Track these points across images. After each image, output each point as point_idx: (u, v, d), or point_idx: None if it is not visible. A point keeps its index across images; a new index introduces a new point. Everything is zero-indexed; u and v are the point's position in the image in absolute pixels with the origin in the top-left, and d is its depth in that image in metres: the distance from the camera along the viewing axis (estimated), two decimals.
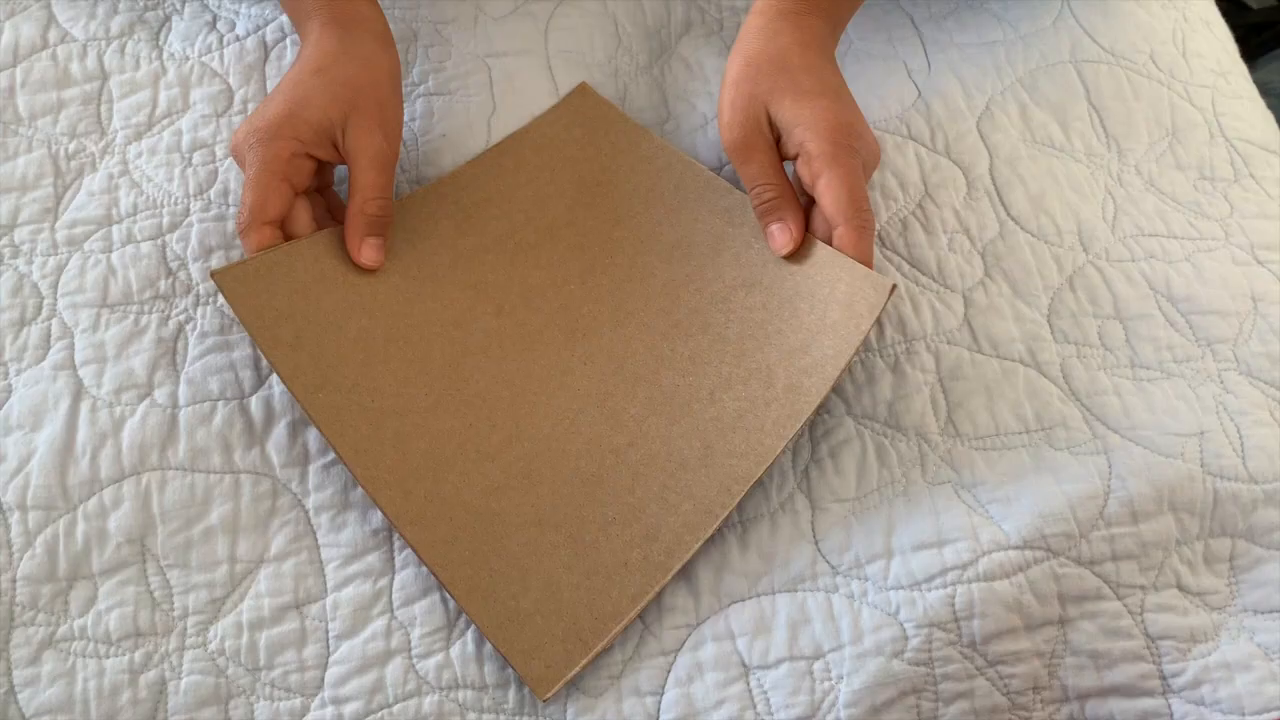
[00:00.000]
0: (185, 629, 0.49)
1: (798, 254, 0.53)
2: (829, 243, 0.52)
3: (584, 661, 0.48)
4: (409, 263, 0.55)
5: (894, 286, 0.50)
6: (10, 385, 0.53)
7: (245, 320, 0.50)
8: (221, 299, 0.55)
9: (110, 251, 0.56)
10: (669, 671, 0.48)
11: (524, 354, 0.54)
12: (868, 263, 0.51)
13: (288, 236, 0.53)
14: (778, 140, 0.53)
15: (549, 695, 0.47)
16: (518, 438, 0.52)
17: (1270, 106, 0.67)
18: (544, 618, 0.48)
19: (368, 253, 0.54)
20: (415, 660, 0.48)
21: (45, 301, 0.55)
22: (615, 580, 0.49)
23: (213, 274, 0.50)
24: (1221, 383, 0.53)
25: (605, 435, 0.52)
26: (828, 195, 0.51)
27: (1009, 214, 0.58)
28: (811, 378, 0.51)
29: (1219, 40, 0.67)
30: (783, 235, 0.53)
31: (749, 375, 0.52)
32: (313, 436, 0.52)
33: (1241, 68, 0.66)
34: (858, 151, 0.51)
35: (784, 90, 0.52)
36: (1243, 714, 0.47)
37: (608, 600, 0.49)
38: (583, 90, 0.61)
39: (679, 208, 0.57)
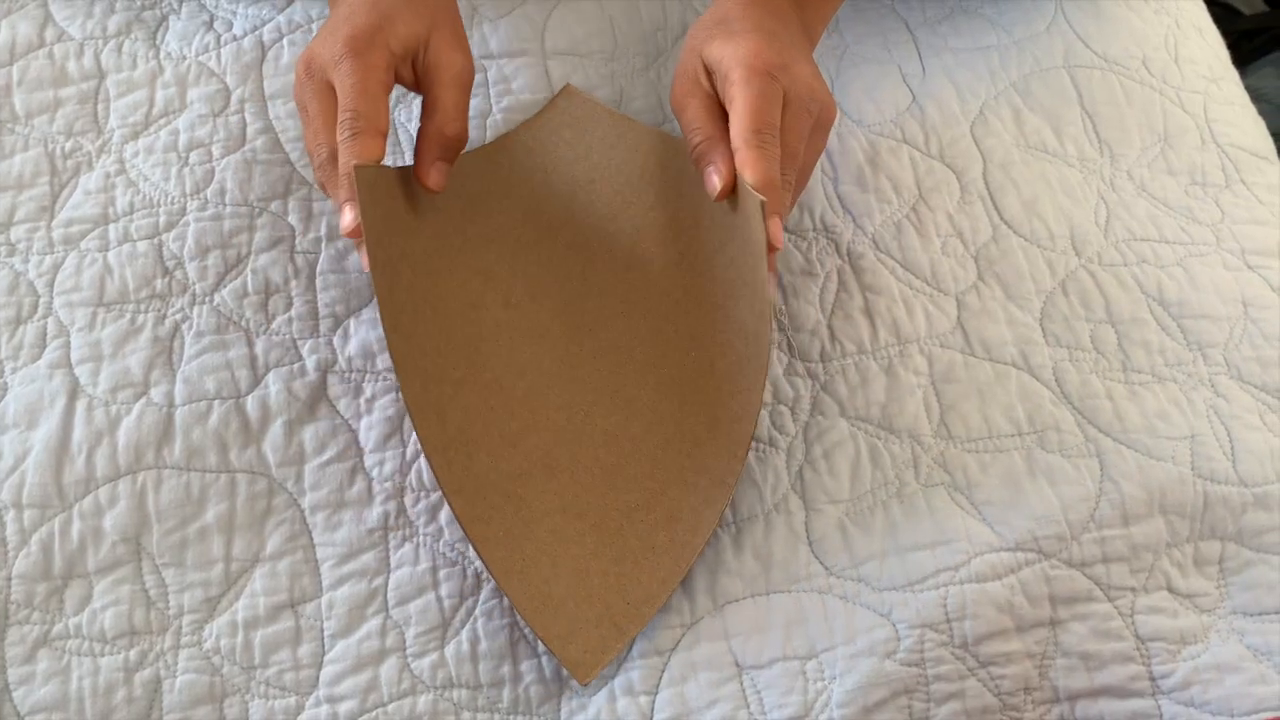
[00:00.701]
0: (180, 628, 0.49)
1: (740, 197, 0.51)
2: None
3: (620, 647, 0.48)
4: (429, 235, 0.54)
5: (763, 202, 0.47)
6: (6, 384, 0.53)
7: (370, 225, 0.48)
8: (219, 296, 0.55)
9: (106, 250, 0.56)
10: (663, 671, 0.48)
11: (534, 347, 0.54)
12: (771, 187, 0.48)
13: None
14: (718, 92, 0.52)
15: (589, 680, 0.48)
16: (534, 428, 0.52)
17: (1262, 112, 0.67)
18: (576, 604, 0.49)
19: (435, 176, 0.51)
20: (410, 659, 0.49)
21: (41, 300, 0.55)
22: (645, 565, 0.49)
23: (356, 168, 0.47)
24: (1213, 387, 0.53)
25: (621, 425, 0.52)
26: (732, 119, 0.49)
27: (1002, 218, 0.58)
28: (761, 319, 0.50)
29: (1211, 46, 0.67)
30: (711, 179, 0.50)
31: (732, 336, 0.52)
32: (308, 436, 0.52)
33: (1233, 74, 0.66)
34: (777, 79, 0.49)
35: (716, 36, 0.51)
36: (1232, 715, 0.47)
37: (638, 585, 0.49)
38: (568, 92, 0.62)
39: (667, 186, 0.57)
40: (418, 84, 0.52)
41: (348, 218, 0.48)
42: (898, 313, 0.56)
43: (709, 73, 0.51)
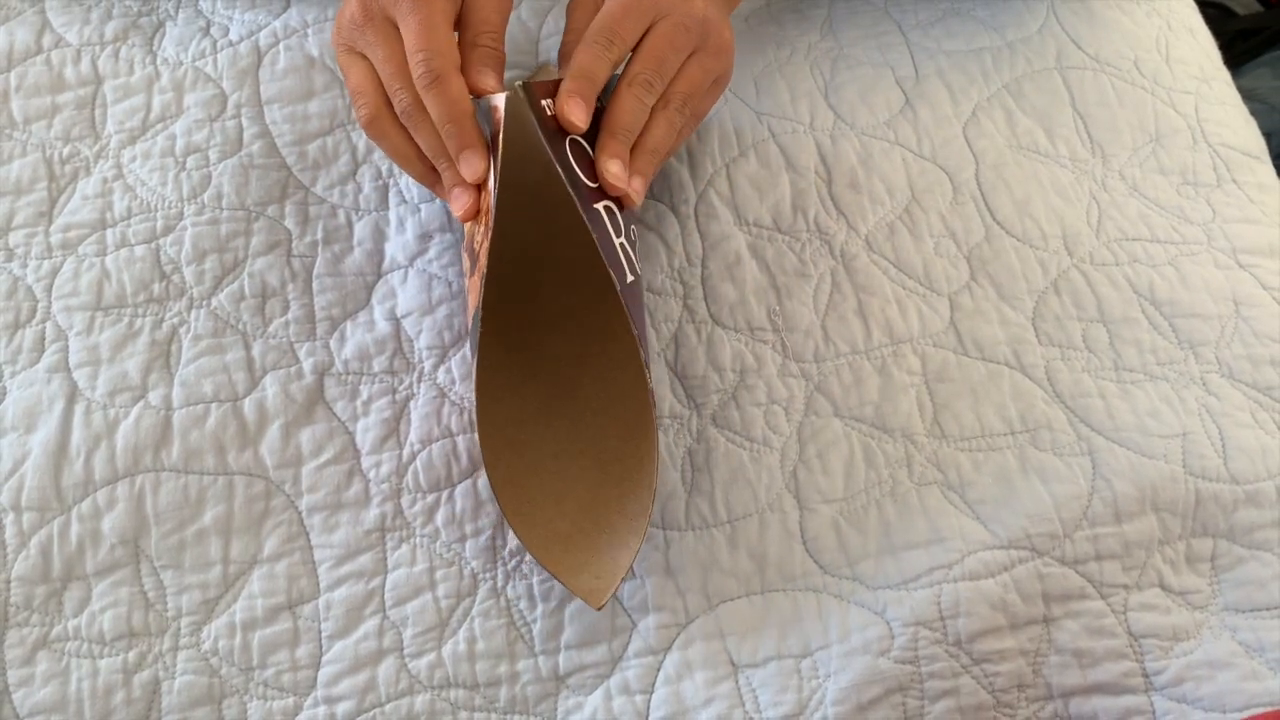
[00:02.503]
0: (179, 629, 0.49)
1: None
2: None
3: (627, 563, 0.48)
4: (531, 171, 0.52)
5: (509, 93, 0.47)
6: (5, 388, 0.53)
7: (516, 141, 0.47)
8: (216, 300, 0.55)
9: (104, 255, 0.57)
10: (658, 670, 0.49)
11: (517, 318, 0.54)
12: (583, 75, 0.48)
13: None
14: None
15: (603, 604, 0.47)
16: (533, 375, 0.52)
17: (1255, 112, 0.67)
18: (585, 535, 0.49)
19: (486, 80, 0.49)
20: (408, 659, 0.49)
21: (40, 305, 0.55)
22: (638, 477, 0.49)
23: (515, 89, 0.47)
24: (1204, 385, 0.54)
25: (616, 362, 0.52)
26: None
27: (994, 219, 0.59)
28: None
29: (1202, 47, 0.67)
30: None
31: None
32: (305, 438, 0.53)
33: (1224, 74, 0.67)
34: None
35: None
36: (1224, 711, 0.47)
37: (635, 499, 0.49)
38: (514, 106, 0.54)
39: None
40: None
41: (474, 161, 0.48)
42: (891, 313, 0.56)
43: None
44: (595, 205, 0.48)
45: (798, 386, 0.54)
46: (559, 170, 0.47)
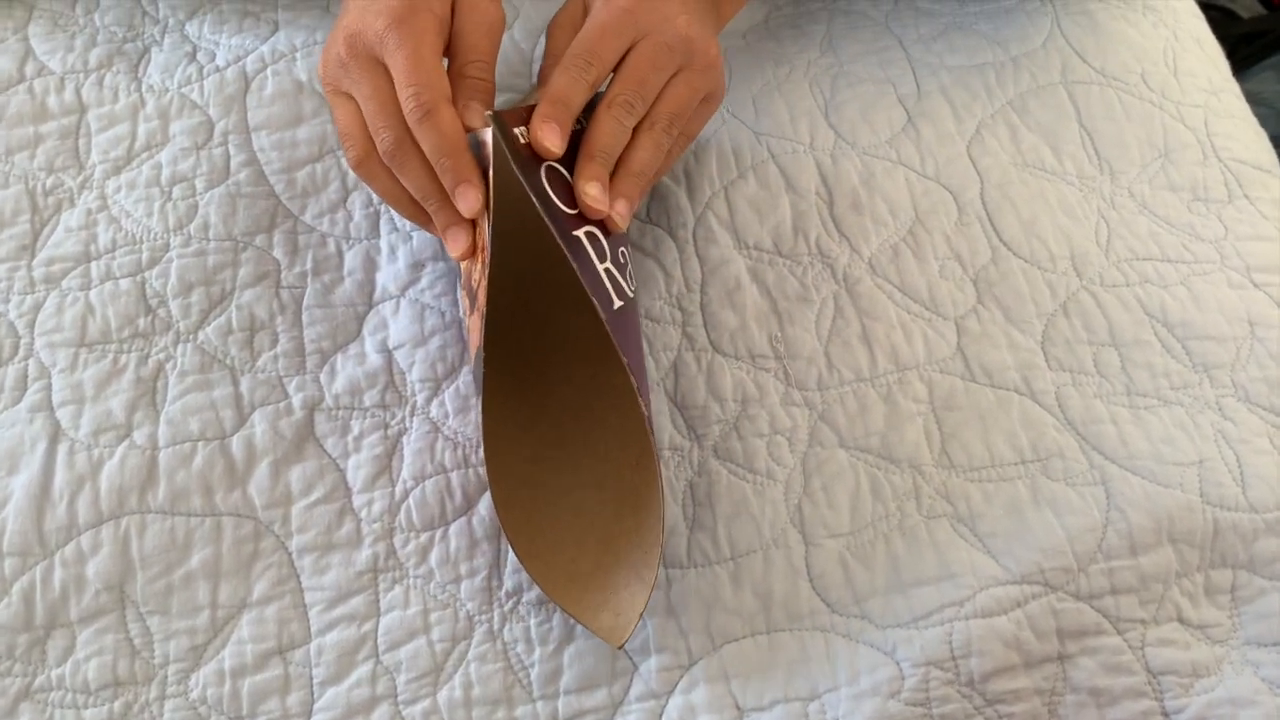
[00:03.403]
0: (166, 677, 0.48)
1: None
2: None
3: (648, 597, 0.46)
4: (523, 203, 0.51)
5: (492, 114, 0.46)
6: None
7: (499, 171, 0.46)
8: (203, 334, 0.54)
9: (88, 289, 0.55)
10: (661, 715, 0.47)
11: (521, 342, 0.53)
12: (558, 102, 0.46)
13: None
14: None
15: (624, 642, 0.46)
16: (545, 411, 0.51)
17: (1261, 116, 0.66)
18: (603, 571, 0.47)
19: (473, 117, 0.47)
20: (402, 706, 0.47)
21: (22, 341, 0.54)
22: (652, 506, 0.47)
23: (494, 116, 0.46)
24: (1220, 410, 0.52)
25: (623, 380, 0.50)
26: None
27: (1001, 239, 0.57)
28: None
29: (1210, 58, 0.66)
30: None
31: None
32: (295, 476, 0.51)
33: (1233, 86, 0.65)
34: (633, 14, 0.47)
35: None
36: None
37: (650, 530, 0.47)
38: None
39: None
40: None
41: (470, 196, 0.46)
42: (896, 338, 0.54)
43: (586, 8, 0.50)
44: (575, 232, 0.46)
45: (801, 416, 0.53)
46: (534, 200, 0.45)
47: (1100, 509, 0.49)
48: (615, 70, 0.49)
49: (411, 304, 0.56)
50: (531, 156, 0.47)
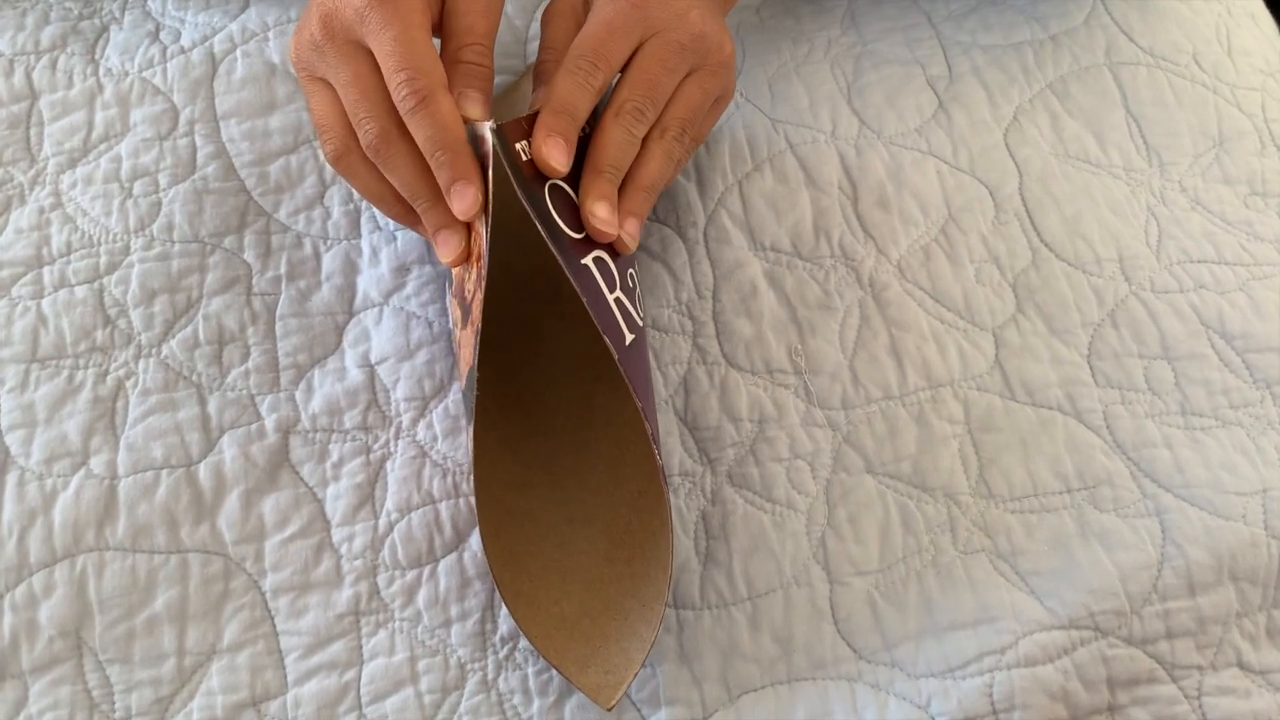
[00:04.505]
0: None
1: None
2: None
3: (641, 658, 0.42)
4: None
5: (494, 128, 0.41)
6: None
7: (499, 181, 0.42)
8: (167, 348, 0.49)
9: (41, 298, 0.50)
10: None
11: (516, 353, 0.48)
12: (562, 111, 0.42)
13: None
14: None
15: (613, 705, 0.42)
16: (533, 431, 0.47)
17: None
18: (592, 620, 0.43)
19: (471, 106, 0.43)
20: None
21: None
22: (652, 554, 0.43)
23: (495, 130, 0.41)
24: None
25: (618, 404, 0.46)
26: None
27: (1042, 240, 0.52)
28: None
29: (1266, 36, 0.61)
30: (539, 98, 0.45)
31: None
32: (269, 508, 0.47)
33: None
34: (640, 8, 0.43)
35: None
36: None
37: (649, 581, 0.43)
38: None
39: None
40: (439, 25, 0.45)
41: (468, 195, 0.41)
42: (928, 351, 0.50)
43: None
44: (583, 260, 0.42)
45: (824, 438, 0.48)
46: (538, 226, 0.40)
47: (1155, 544, 0.45)
48: (622, 71, 0.44)
49: (396, 313, 0.51)
50: (535, 175, 0.42)
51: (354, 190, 0.52)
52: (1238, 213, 0.54)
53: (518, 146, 0.42)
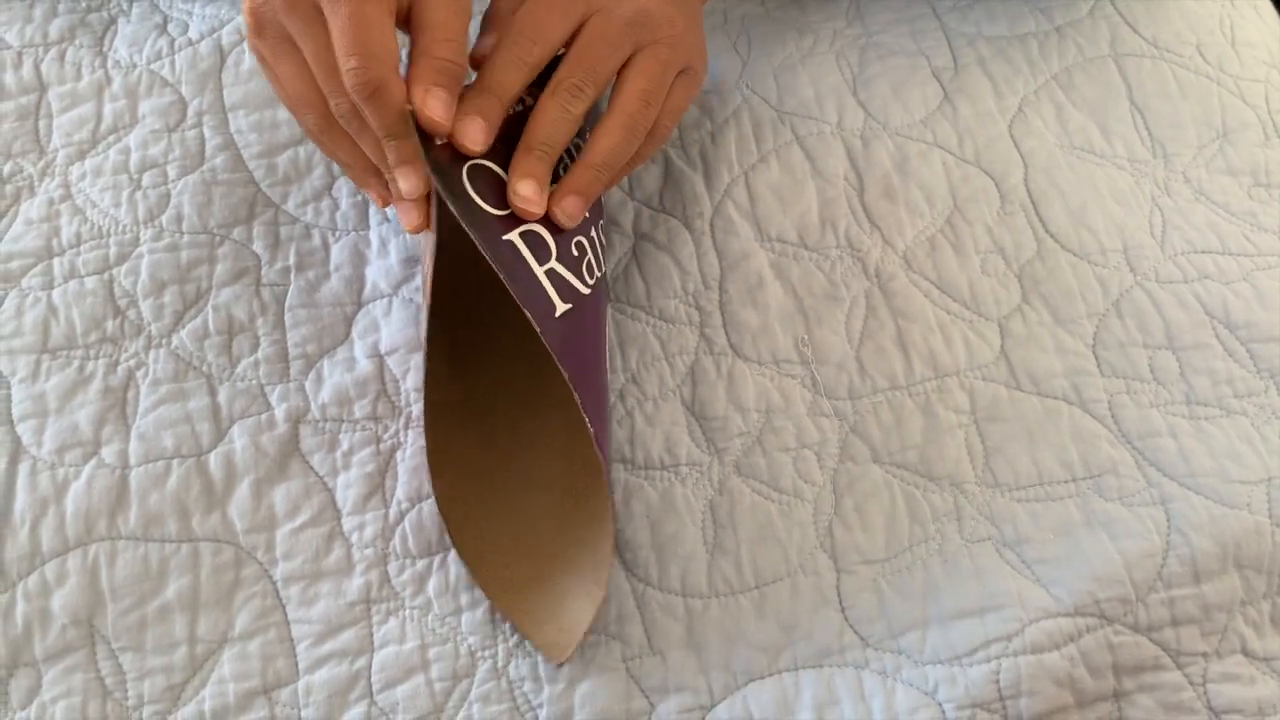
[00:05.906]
0: None
1: None
2: None
3: (590, 618, 0.43)
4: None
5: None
6: None
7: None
8: (177, 339, 0.49)
9: (51, 289, 0.50)
10: None
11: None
12: (494, 89, 0.42)
13: None
14: None
15: (564, 660, 0.43)
16: (500, 393, 0.48)
17: None
18: (552, 579, 0.44)
19: (435, 105, 0.41)
20: None
21: None
22: (605, 521, 0.44)
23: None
24: None
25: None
26: None
27: (1047, 230, 0.52)
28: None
29: (1270, 27, 0.61)
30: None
31: None
32: (279, 497, 0.47)
33: None
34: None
35: None
36: None
37: (604, 539, 0.44)
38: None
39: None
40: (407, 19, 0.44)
41: (413, 179, 0.42)
42: (934, 342, 0.50)
43: None
44: (506, 236, 0.42)
45: (831, 428, 0.48)
46: (449, 203, 0.41)
47: (1160, 532, 0.45)
48: (565, 49, 0.44)
49: (405, 303, 0.51)
50: (453, 155, 0.42)
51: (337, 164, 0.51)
52: (1241, 203, 0.54)
53: None
